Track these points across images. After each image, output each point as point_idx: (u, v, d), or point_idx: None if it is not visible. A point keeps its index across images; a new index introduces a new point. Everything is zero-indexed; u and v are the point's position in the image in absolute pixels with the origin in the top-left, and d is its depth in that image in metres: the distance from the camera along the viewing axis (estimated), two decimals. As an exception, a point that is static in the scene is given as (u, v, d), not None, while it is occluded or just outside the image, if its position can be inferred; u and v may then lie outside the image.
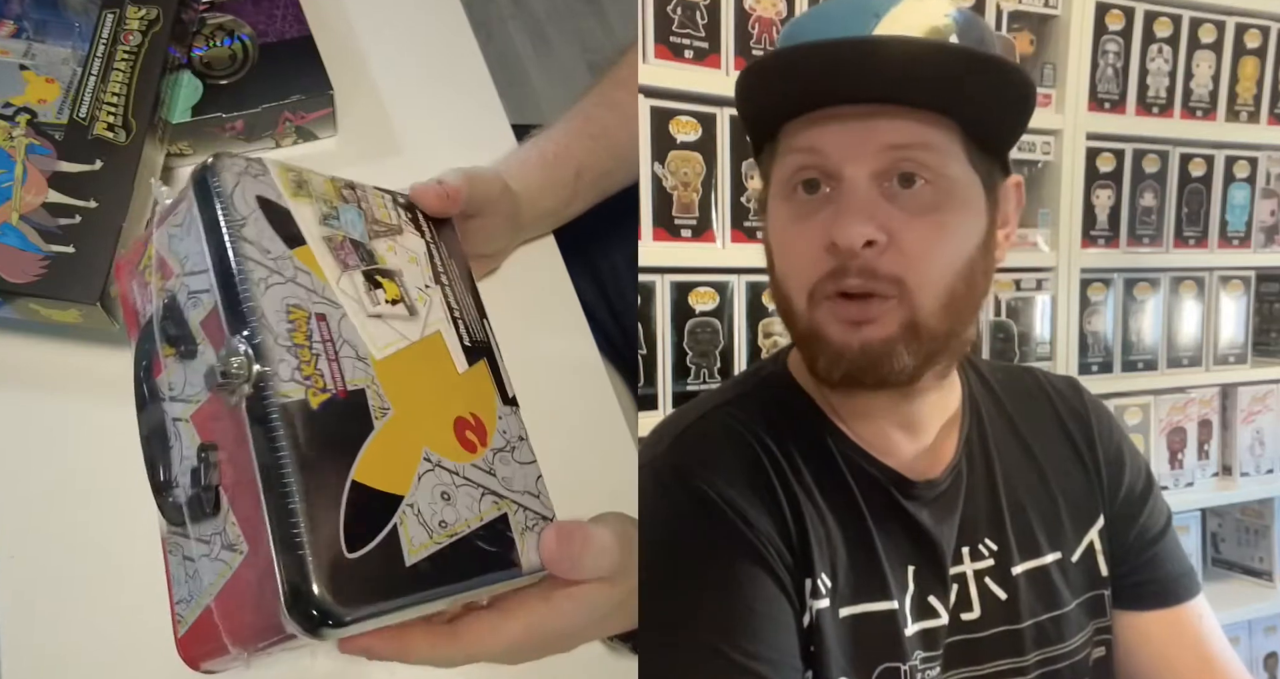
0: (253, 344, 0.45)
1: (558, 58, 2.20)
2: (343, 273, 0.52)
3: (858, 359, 0.54)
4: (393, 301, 0.53)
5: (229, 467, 0.46)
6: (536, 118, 0.84)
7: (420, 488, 0.48)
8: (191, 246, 0.49)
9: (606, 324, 0.97)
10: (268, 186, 0.51)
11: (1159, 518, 0.68)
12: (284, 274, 0.48)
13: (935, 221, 0.54)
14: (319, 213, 0.53)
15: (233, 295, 0.46)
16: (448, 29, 0.92)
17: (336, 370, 0.48)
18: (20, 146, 0.66)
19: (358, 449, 0.46)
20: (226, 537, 0.46)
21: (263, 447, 0.44)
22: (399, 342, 0.52)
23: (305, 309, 0.48)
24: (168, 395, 0.49)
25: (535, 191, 0.75)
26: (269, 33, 0.80)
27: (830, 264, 0.53)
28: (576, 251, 0.82)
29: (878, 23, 0.53)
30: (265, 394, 0.44)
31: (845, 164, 0.53)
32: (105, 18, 0.71)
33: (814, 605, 0.56)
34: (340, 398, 0.47)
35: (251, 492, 0.44)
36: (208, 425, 0.47)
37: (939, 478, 0.61)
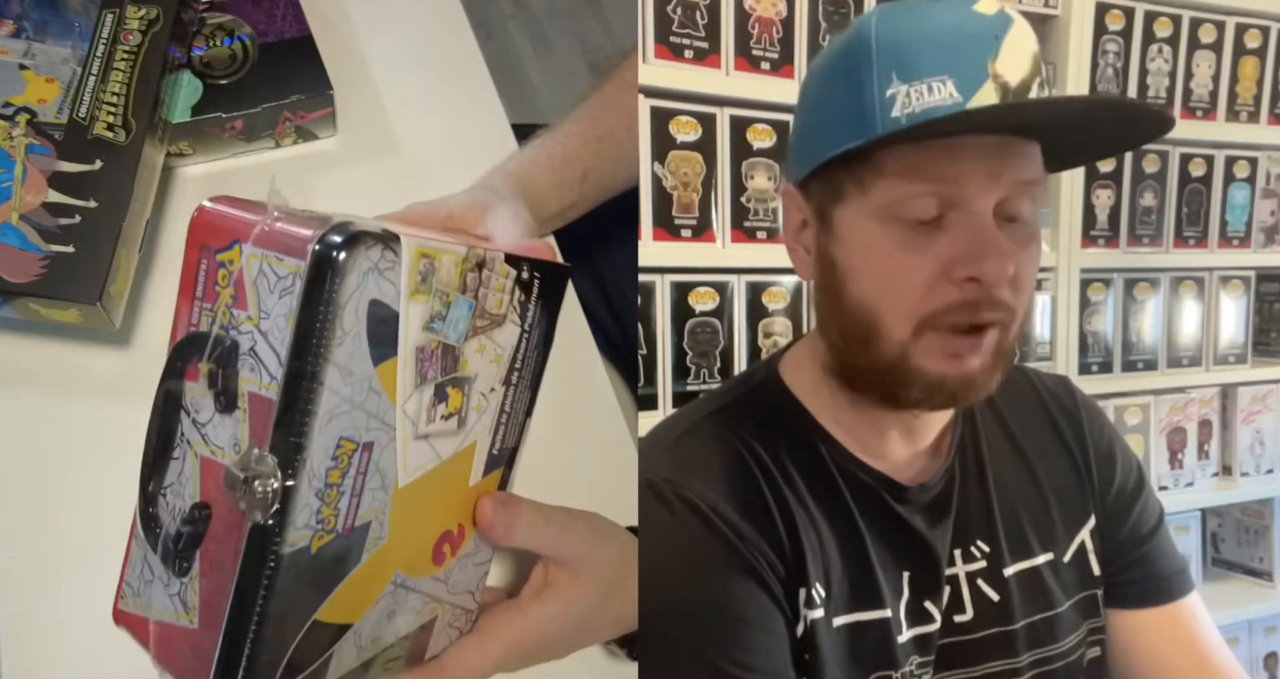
0: (284, 484, 0.42)
1: (558, 58, 2.20)
2: (416, 389, 0.47)
3: (958, 390, 0.54)
4: (447, 416, 0.50)
5: (212, 547, 0.45)
6: (536, 118, 0.84)
7: (372, 612, 0.48)
8: (277, 315, 0.44)
9: (606, 324, 0.97)
10: (388, 285, 0.44)
11: (1151, 516, 0.68)
12: (354, 401, 0.44)
13: (1033, 252, 0.54)
14: (427, 314, 0.47)
15: (291, 425, 0.42)
16: (448, 29, 0.92)
17: (354, 508, 0.45)
18: (20, 146, 0.66)
19: (333, 589, 0.46)
20: (184, 594, 0.45)
21: (249, 577, 0.43)
22: (430, 463, 0.49)
23: (356, 441, 0.44)
24: (190, 408, 0.46)
25: (541, 196, 0.75)
26: (269, 33, 0.80)
27: (954, 296, 0.52)
28: (577, 252, 0.82)
29: (999, 45, 0.51)
30: (274, 537, 0.42)
31: (977, 196, 0.52)
32: (105, 17, 0.71)
33: (808, 615, 0.55)
34: (343, 537, 0.45)
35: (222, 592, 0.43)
36: (212, 484, 0.45)
37: (932, 481, 0.61)
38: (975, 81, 0.51)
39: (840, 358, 0.58)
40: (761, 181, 1.16)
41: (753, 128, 1.15)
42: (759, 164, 1.16)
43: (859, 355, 0.56)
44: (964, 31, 0.51)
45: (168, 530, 0.46)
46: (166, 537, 0.46)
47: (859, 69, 0.53)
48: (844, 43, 0.55)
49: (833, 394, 0.60)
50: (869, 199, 0.53)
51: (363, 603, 0.48)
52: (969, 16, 0.52)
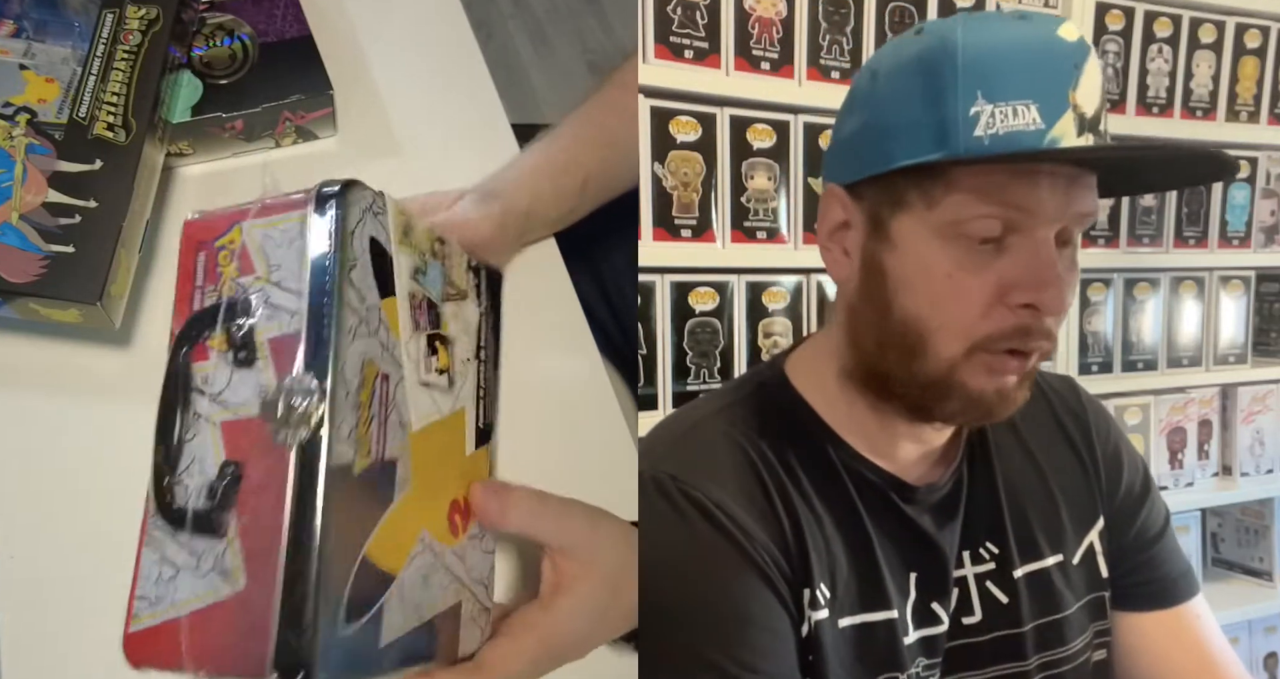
0: (326, 396, 0.44)
1: (558, 58, 2.20)
2: (413, 333, 0.50)
3: (993, 405, 0.54)
4: (440, 371, 0.52)
5: (251, 498, 0.45)
6: (536, 118, 0.84)
7: (409, 569, 0.49)
8: (289, 261, 0.47)
9: (606, 324, 0.97)
10: (381, 228, 0.50)
11: (1157, 518, 0.68)
12: (370, 326, 0.47)
13: (1074, 282, 0.55)
14: (412, 266, 0.51)
15: (322, 339, 0.45)
16: (448, 29, 0.92)
17: (382, 437, 0.47)
18: (20, 146, 0.66)
19: (377, 522, 0.46)
20: (223, 562, 0.45)
21: (302, 502, 0.43)
22: (433, 414, 0.52)
23: (377, 366, 0.47)
24: (202, 387, 0.48)
25: (544, 203, 0.75)
26: (269, 32, 0.80)
27: (1009, 321, 0.52)
28: (577, 252, 0.82)
29: (1079, 75, 0.51)
30: (320, 452, 0.43)
31: (1044, 224, 0.52)
32: (105, 17, 0.71)
33: (813, 616, 0.55)
34: (377, 467, 0.46)
35: (270, 534, 0.43)
36: (239, 443, 0.46)
37: (940, 482, 0.60)
38: (1057, 110, 0.51)
39: (872, 365, 0.57)
40: (761, 181, 1.16)
41: (753, 128, 1.15)
42: (759, 164, 1.16)
43: (898, 366, 0.55)
44: (1048, 57, 0.51)
45: (194, 504, 0.46)
46: (195, 509, 0.46)
47: (941, 80, 0.52)
48: (923, 49, 0.54)
49: (846, 396, 0.59)
50: (935, 214, 0.53)
51: (401, 551, 0.48)
52: (1054, 42, 0.51)
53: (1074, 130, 0.51)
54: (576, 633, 0.56)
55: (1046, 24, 0.52)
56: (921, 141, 0.52)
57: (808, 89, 1.17)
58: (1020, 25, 0.52)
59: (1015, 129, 0.50)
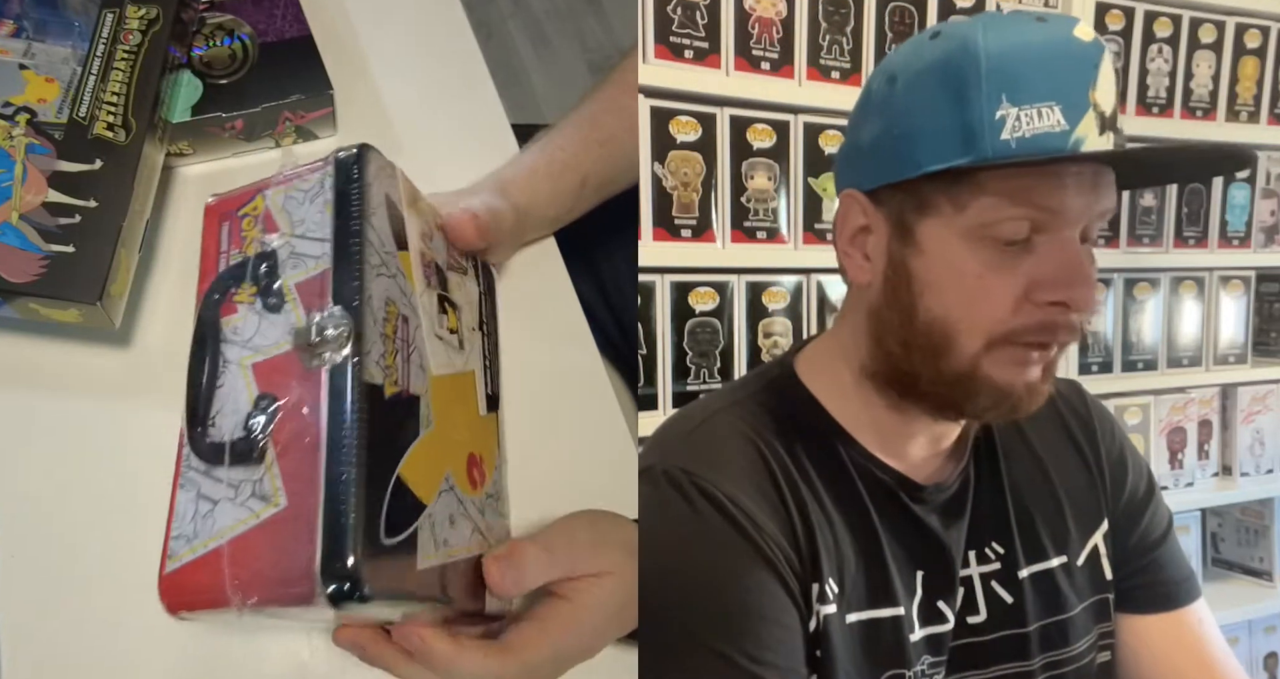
0: (357, 320, 0.46)
1: (558, 58, 2.20)
2: (425, 288, 0.53)
3: (1021, 397, 0.55)
4: (451, 330, 0.55)
5: (287, 423, 0.47)
6: (536, 118, 0.84)
7: (439, 504, 0.50)
8: (312, 215, 0.51)
9: (606, 324, 0.97)
10: (394, 189, 0.53)
11: (1160, 521, 0.68)
12: (389, 269, 0.50)
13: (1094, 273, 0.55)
14: (420, 229, 0.55)
15: (349, 270, 0.48)
16: (448, 29, 0.92)
17: (407, 372, 0.49)
18: (20, 146, 0.66)
19: (406, 448, 0.48)
20: (262, 487, 0.46)
21: (337, 415, 0.45)
22: (449, 367, 0.54)
23: (398, 307, 0.50)
24: (230, 337, 0.50)
25: (542, 202, 0.75)
26: (269, 32, 0.80)
27: (1036, 317, 0.53)
28: (577, 252, 0.82)
29: (1097, 74, 0.52)
30: (354, 368, 0.46)
31: (1070, 223, 0.53)
32: (105, 17, 0.71)
33: (821, 611, 0.55)
34: (404, 397, 0.48)
35: (308, 452, 0.45)
36: (271, 378, 0.48)
37: (948, 481, 0.61)
38: (1080, 110, 0.51)
39: (897, 366, 0.57)
40: (761, 181, 1.16)
41: (753, 128, 1.15)
42: (759, 164, 1.16)
43: (924, 366, 0.56)
44: (1068, 58, 0.52)
45: (231, 437, 0.48)
46: (232, 440, 0.48)
47: (965, 84, 0.52)
48: (944, 53, 0.54)
49: (863, 395, 0.60)
50: (963, 217, 0.53)
51: (430, 481, 0.49)
52: (1072, 42, 0.52)
53: (1096, 129, 0.51)
54: (596, 627, 0.56)
55: (1063, 25, 0.53)
56: (948, 146, 0.53)
57: (808, 89, 1.17)
58: (1039, 27, 0.53)
59: (1041, 131, 0.51)
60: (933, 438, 0.60)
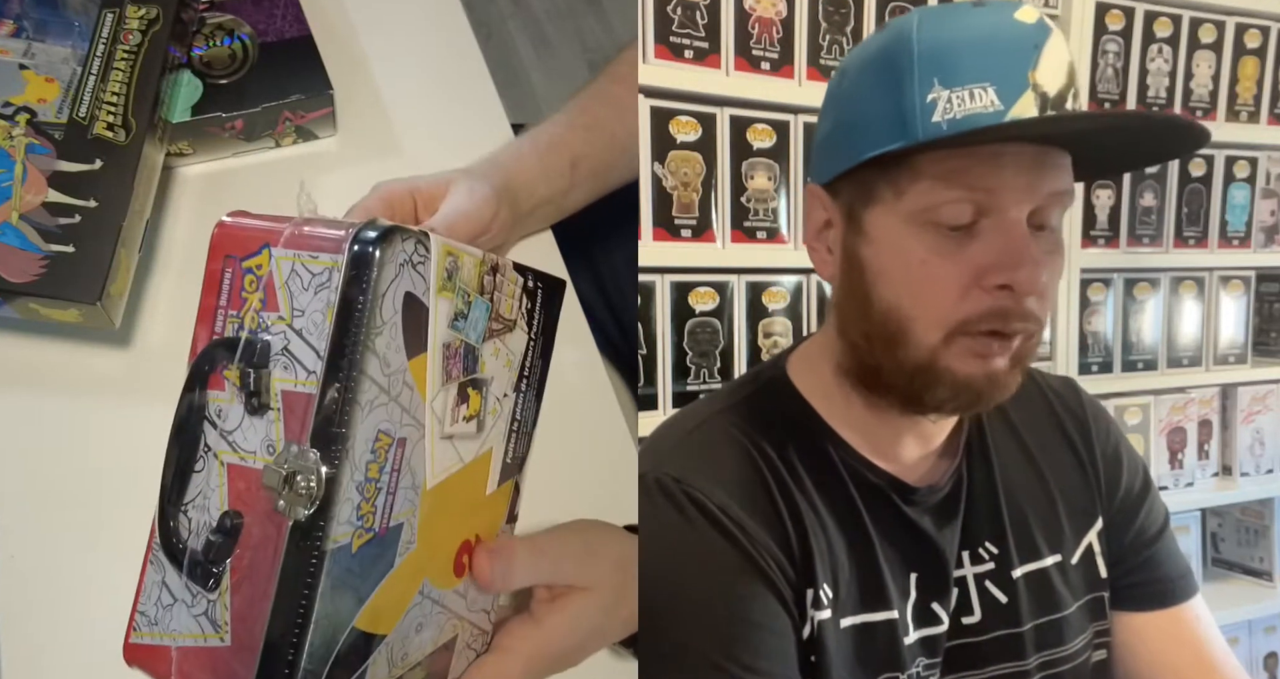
0: (328, 477, 0.42)
1: (558, 58, 2.20)
2: (441, 387, 0.48)
3: (982, 389, 0.54)
4: (468, 418, 0.50)
5: (245, 554, 0.44)
6: (536, 117, 0.84)
7: (402, 624, 0.48)
8: (314, 310, 0.44)
9: (606, 324, 0.97)
10: (420, 279, 0.45)
11: (1156, 518, 0.68)
12: (390, 393, 0.44)
13: (1056, 263, 0.55)
14: (452, 312, 0.48)
15: (332, 416, 0.42)
16: (448, 29, 0.92)
17: (389, 506, 0.45)
18: (20, 146, 0.66)
19: (370, 593, 0.45)
20: (213, 612, 0.45)
21: (290, 580, 0.42)
22: (454, 466, 0.50)
23: (392, 435, 0.45)
24: (214, 419, 0.46)
25: (530, 178, 0.75)
26: (269, 32, 0.80)
27: (986, 303, 0.52)
28: (576, 251, 0.82)
29: (1039, 55, 0.51)
30: (317, 532, 0.42)
31: (1013, 205, 0.52)
32: (105, 17, 0.71)
33: (815, 616, 0.55)
34: (379, 537, 0.45)
35: (258, 599, 0.43)
36: (243, 493, 0.45)
37: (940, 483, 0.61)
38: (1016, 90, 0.51)
39: (862, 359, 0.57)
40: (761, 181, 1.16)
41: (753, 128, 1.15)
42: (759, 164, 1.16)
43: (884, 357, 0.55)
44: (1005, 39, 0.51)
45: (193, 546, 0.45)
46: (193, 552, 0.45)
47: (899, 71, 0.52)
48: (882, 44, 0.55)
49: (845, 395, 0.60)
50: (904, 203, 0.53)
51: (396, 612, 0.47)
52: (1010, 24, 0.52)
53: (1035, 109, 0.51)
54: (566, 647, 0.56)
55: (1003, 9, 0.52)
56: (884, 133, 0.53)
57: (808, 89, 1.17)
58: (975, 12, 0.53)
59: (973, 112, 0.51)
60: (919, 435, 0.60)
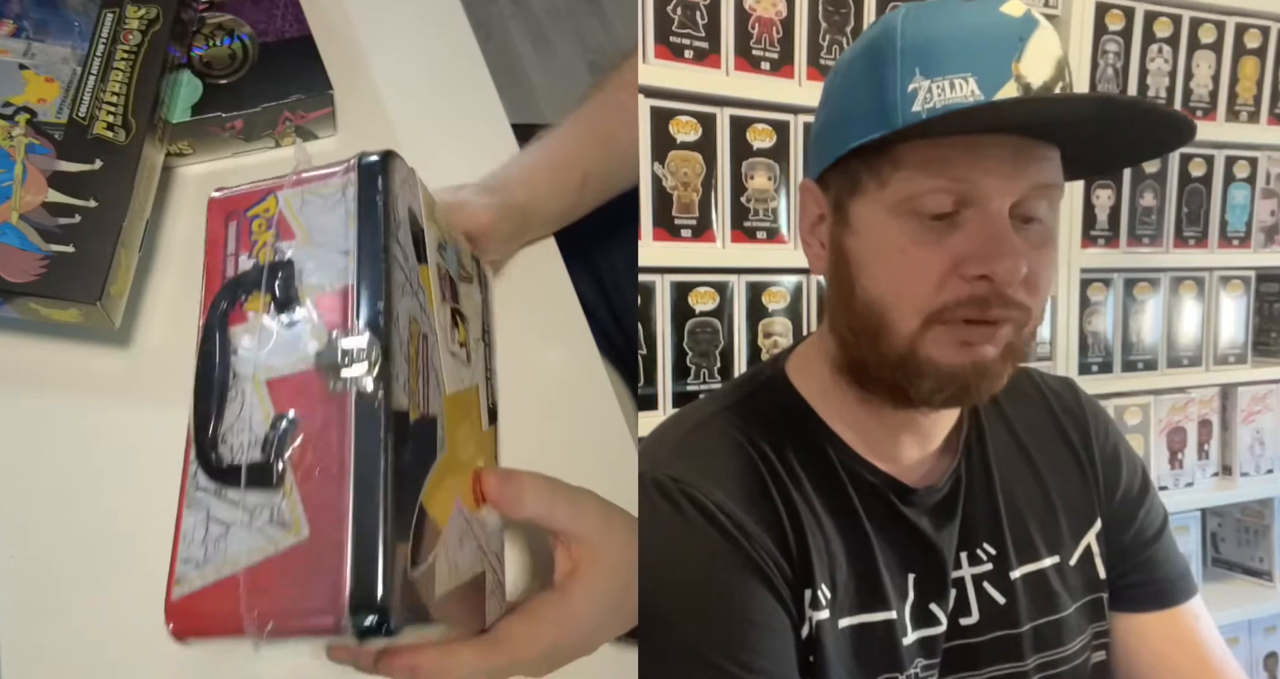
0: (385, 345, 0.44)
1: (558, 58, 2.20)
2: (441, 303, 0.52)
3: (968, 380, 0.54)
4: (461, 344, 0.54)
5: (309, 447, 0.45)
6: (536, 118, 0.84)
7: (451, 528, 0.49)
8: (333, 224, 0.48)
9: (606, 324, 0.97)
10: (416, 201, 0.51)
11: (1155, 519, 0.68)
12: (413, 286, 0.48)
13: (1048, 256, 0.55)
14: (438, 241, 0.53)
15: (376, 289, 0.46)
16: (448, 29, 0.92)
17: (427, 394, 0.48)
18: (20, 146, 0.66)
19: (427, 474, 0.46)
20: (279, 512, 0.44)
21: (365, 444, 0.43)
22: (458, 383, 0.53)
23: (419, 326, 0.48)
24: (241, 350, 0.48)
25: (542, 199, 0.75)
26: (269, 32, 0.80)
27: (964, 291, 0.52)
28: (577, 252, 0.82)
29: (1024, 46, 0.51)
30: (383, 395, 0.44)
31: (994, 196, 0.52)
32: (105, 17, 0.71)
33: (813, 617, 0.55)
34: (425, 421, 0.47)
35: (333, 481, 0.43)
36: (290, 398, 0.46)
37: (938, 484, 0.60)
38: (998, 81, 0.51)
39: (850, 353, 0.57)
40: (761, 181, 1.16)
41: (753, 128, 1.15)
42: (759, 164, 1.16)
43: (869, 350, 0.55)
44: (989, 31, 0.52)
45: (247, 459, 0.46)
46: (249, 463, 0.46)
47: (883, 65, 0.53)
48: (869, 39, 0.55)
49: (841, 393, 0.60)
50: (886, 193, 0.54)
51: (445, 506, 0.48)
52: (995, 17, 0.52)
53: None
54: (591, 621, 0.56)
55: (990, 2, 0.53)
56: (867, 123, 0.53)
57: (808, 89, 1.17)
58: (962, 6, 0.53)
59: (953, 102, 0.51)
60: (917, 437, 0.60)
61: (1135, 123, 0.54)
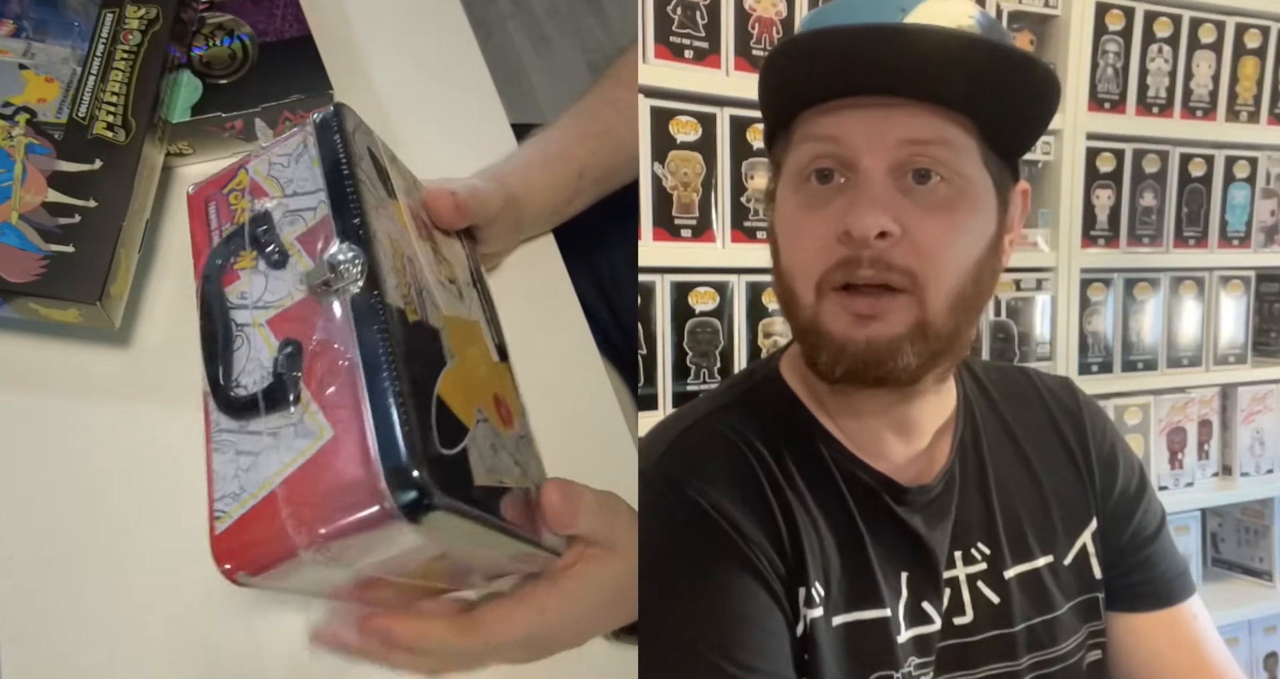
0: (367, 250, 0.46)
1: (558, 58, 2.20)
2: (419, 238, 0.54)
3: (861, 355, 0.54)
4: (450, 280, 0.55)
5: (317, 359, 0.46)
6: (536, 117, 0.84)
7: (478, 429, 0.49)
8: (300, 173, 0.51)
9: (606, 324, 0.97)
10: (374, 145, 0.55)
11: (1153, 519, 0.68)
12: (384, 211, 0.51)
13: (948, 219, 0.54)
14: (404, 185, 0.56)
15: (348, 209, 0.48)
16: (448, 29, 0.92)
17: (423, 304, 0.49)
18: (20, 146, 0.66)
19: (439, 371, 0.48)
20: (303, 426, 0.45)
21: (368, 336, 0.45)
22: (456, 310, 0.54)
23: (402, 248, 0.50)
24: (238, 302, 0.50)
25: (538, 193, 0.75)
26: (269, 32, 0.80)
27: (841, 254, 0.53)
28: (577, 251, 0.82)
29: (904, 17, 0.52)
30: (375, 292, 0.45)
31: (862, 154, 0.53)
32: (105, 17, 0.71)
33: (808, 614, 0.55)
34: (426, 325, 0.49)
35: (345, 378, 0.44)
36: (290, 327, 0.48)
37: (932, 483, 0.60)
38: None
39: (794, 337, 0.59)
40: (762, 181, 1.16)
41: (753, 128, 1.15)
42: (759, 164, 1.16)
43: (791, 325, 0.57)
44: (870, 5, 0.53)
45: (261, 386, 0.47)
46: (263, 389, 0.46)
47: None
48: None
49: (818, 386, 0.60)
50: (787, 167, 0.57)
51: (467, 407, 0.49)
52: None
53: None
54: (576, 616, 0.56)
55: None
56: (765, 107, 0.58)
57: (808, 89, 1.17)
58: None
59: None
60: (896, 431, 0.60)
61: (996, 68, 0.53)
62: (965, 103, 0.54)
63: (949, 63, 0.52)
